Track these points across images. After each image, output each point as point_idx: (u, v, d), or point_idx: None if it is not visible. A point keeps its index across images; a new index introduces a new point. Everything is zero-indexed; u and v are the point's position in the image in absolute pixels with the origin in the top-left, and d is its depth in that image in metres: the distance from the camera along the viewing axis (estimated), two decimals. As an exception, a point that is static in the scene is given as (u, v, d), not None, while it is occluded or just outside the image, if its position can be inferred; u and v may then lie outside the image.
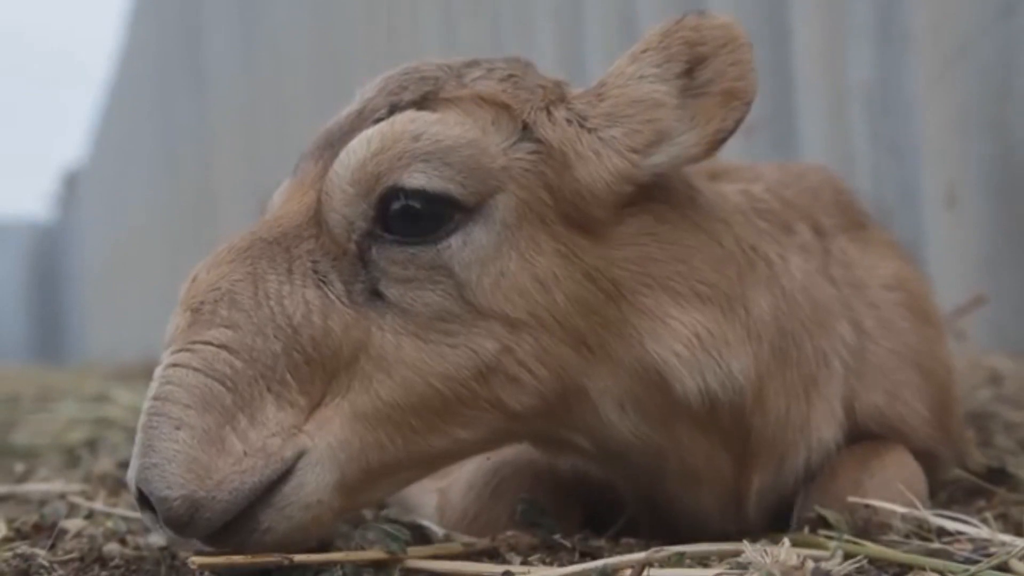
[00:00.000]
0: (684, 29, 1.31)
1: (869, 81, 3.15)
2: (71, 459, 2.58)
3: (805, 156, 3.28)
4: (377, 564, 1.23)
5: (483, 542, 1.32)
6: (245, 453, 1.17)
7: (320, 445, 1.21)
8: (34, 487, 2.07)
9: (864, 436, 1.50)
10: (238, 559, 1.20)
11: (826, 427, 1.45)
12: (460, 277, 1.25)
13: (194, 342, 1.20)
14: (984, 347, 2.79)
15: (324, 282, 1.25)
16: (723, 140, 1.31)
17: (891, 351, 1.53)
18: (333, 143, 1.32)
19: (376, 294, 1.25)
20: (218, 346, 1.20)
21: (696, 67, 1.31)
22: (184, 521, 1.16)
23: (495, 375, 1.26)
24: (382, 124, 1.28)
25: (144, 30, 12.67)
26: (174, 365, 1.20)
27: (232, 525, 1.18)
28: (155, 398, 1.19)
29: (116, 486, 2.09)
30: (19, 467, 2.44)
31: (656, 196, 1.35)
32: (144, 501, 1.18)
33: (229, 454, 1.17)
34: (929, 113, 2.97)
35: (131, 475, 1.19)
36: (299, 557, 1.21)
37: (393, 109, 1.30)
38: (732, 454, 1.38)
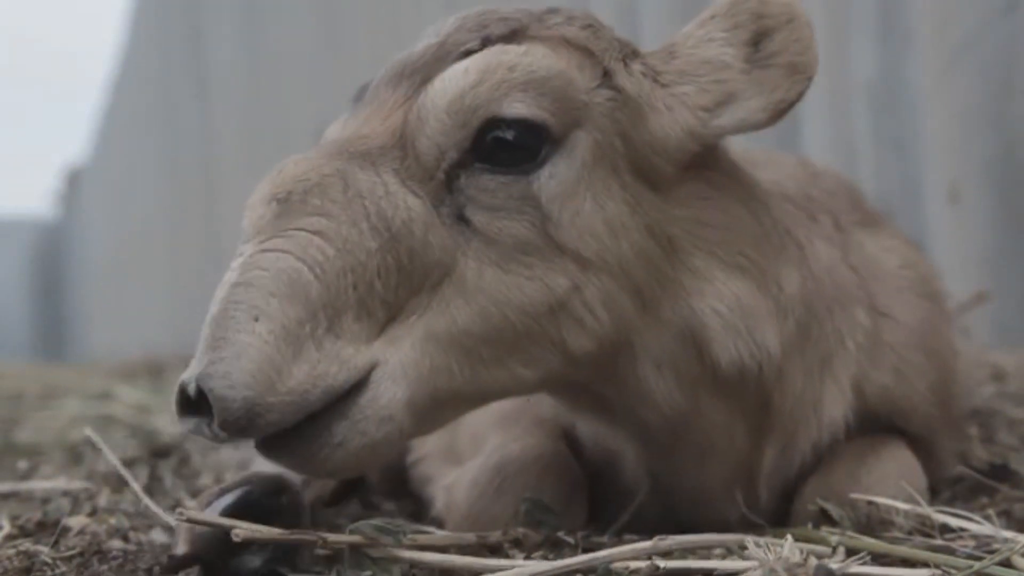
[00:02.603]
0: (751, 1, 1.36)
1: (872, 77, 3.15)
2: (74, 457, 2.58)
3: (808, 152, 3.27)
4: (383, 558, 1.23)
5: (487, 537, 1.32)
6: (319, 358, 1.13)
7: (392, 360, 1.18)
8: (37, 484, 2.07)
9: (872, 419, 1.51)
10: (277, 533, 1.21)
11: (836, 407, 1.47)
12: (545, 209, 1.26)
13: (286, 229, 1.16)
14: (987, 344, 2.79)
15: (418, 196, 1.23)
16: (785, 110, 1.35)
17: (900, 328, 1.55)
18: (412, 73, 1.30)
19: (462, 219, 1.25)
20: (312, 232, 1.16)
21: (761, 39, 1.36)
22: (242, 426, 1.10)
23: (564, 313, 1.26)
24: (476, 56, 1.28)
25: (147, 29, 12.68)
26: (263, 251, 1.15)
27: (304, 435, 1.15)
28: (236, 284, 1.13)
29: (119, 484, 2.09)
30: (22, 464, 2.44)
31: (711, 164, 1.38)
32: (188, 403, 1.11)
33: (303, 357, 1.12)
34: (932, 109, 2.97)
35: (190, 374, 1.11)
36: (332, 537, 1.21)
37: (485, 42, 1.30)
38: (748, 427, 1.40)
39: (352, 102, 1.37)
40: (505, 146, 1.26)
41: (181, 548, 1.28)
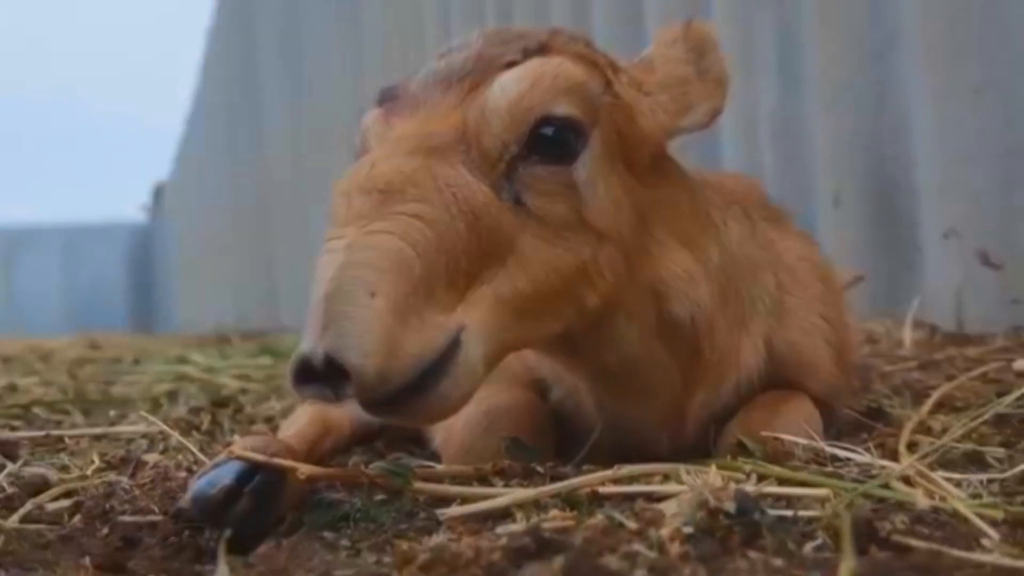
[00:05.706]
0: (695, 29, 1.38)
1: (774, 109, 3.17)
2: (155, 407, 2.52)
3: (725, 166, 3.27)
4: (392, 491, 1.20)
5: (475, 469, 1.28)
6: (421, 325, 1.04)
7: (474, 322, 1.10)
8: (123, 428, 2.03)
9: (782, 371, 1.48)
10: (333, 471, 1.21)
11: (751, 357, 1.44)
12: (580, 193, 1.22)
13: (388, 214, 1.07)
14: (862, 315, 2.80)
15: (484, 184, 1.16)
16: (718, 114, 1.36)
17: (804, 301, 1.53)
18: (459, 79, 1.23)
19: (519, 202, 1.19)
20: (412, 216, 1.07)
21: (700, 58, 1.36)
22: (373, 390, 1.01)
23: (585, 275, 1.22)
24: (522, 66, 1.22)
25: (215, 72, 12.55)
26: (369, 233, 1.05)
27: (417, 393, 1.06)
28: (348, 263, 1.02)
29: (188, 427, 2.04)
30: (113, 413, 2.39)
31: (662, 156, 1.36)
32: (306, 372, 1.00)
33: (411, 326, 1.03)
34: (821, 134, 2.99)
35: (311, 346, 0.99)
36: (379, 480, 1.19)
37: (526, 54, 1.24)
38: (684, 373, 1.37)
39: (379, 101, 1.29)
40: (550, 142, 1.21)
41: (184, 502, 1.21)
